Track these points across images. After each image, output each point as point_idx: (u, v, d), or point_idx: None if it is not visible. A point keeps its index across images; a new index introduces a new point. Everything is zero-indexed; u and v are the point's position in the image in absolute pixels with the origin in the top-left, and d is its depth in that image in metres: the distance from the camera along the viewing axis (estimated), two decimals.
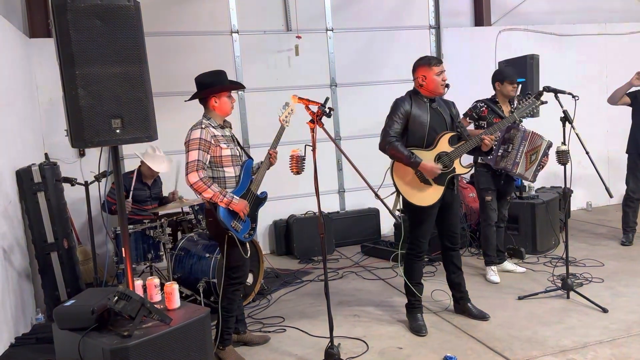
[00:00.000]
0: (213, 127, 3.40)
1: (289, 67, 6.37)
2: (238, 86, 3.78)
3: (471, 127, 4.73)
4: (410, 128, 3.67)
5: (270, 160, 3.60)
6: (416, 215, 3.75)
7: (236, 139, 3.62)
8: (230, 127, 3.59)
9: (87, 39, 2.40)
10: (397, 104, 3.71)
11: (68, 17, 2.36)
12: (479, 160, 4.70)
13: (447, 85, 3.68)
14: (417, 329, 3.73)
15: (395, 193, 3.72)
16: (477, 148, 3.74)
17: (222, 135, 3.43)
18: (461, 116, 4.40)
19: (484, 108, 4.65)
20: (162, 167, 4.94)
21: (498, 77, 4.72)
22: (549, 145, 4.57)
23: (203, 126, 3.35)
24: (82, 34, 2.38)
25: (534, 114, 4.32)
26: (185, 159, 3.33)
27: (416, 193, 3.66)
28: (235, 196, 3.36)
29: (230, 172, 3.42)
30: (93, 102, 2.42)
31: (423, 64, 3.70)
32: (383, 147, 3.67)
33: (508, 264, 4.96)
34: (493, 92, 4.75)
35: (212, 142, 3.34)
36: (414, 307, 3.84)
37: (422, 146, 3.67)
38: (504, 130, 4.51)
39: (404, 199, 3.70)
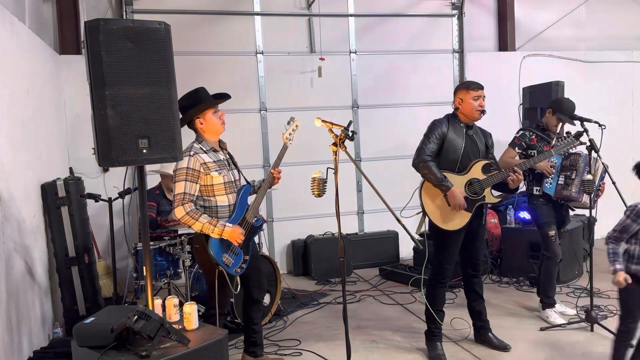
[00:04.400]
0: (205, 151, 3.20)
1: (311, 88, 6.42)
2: (222, 98, 3.33)
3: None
4: (445, 150, 3.65)
5: (274, 181, 3.43)
6: (441, 239, 3.70)
7: (234, 161, 3.43)
8: (226, 148, 3.39)
9: (118, 60, 2.44)
10: (434, 125, 3.70)
11: (100, 38, 2.40)
12: (535, 192, 4.35)
13: (483, 112, 3.67)
14: (437, 358, 3.66)
15: (421, 214, 3.68)
16: (504, 182, 3.66)
17: (214, 161, 3.22)
18: (506, 146, 4.36)
19: (533, 136, 4.35)
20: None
21: (556, 107, 4.35)
22: (606, 168, 4.16)
23: (192, 153, 3.14)
24: (114, 55, 2.43)
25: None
26: (173, 189, 3.16)
27: (443, 216, 3.62)
28: (227, 224, 3.16)
29: (223, 200, 3.24)
30: (121, 122, 2.45)
31: (463, 87, 3.72)
32: (417, 165, 3.64)
33: (560, 307, 4.51)
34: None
35: (202, 170, 3.14)
36: (433, 334, 3.78)
37: (454, 170, 3.65)
38: (563, 157, 4.24)
39: (430, 221, 3.66)
